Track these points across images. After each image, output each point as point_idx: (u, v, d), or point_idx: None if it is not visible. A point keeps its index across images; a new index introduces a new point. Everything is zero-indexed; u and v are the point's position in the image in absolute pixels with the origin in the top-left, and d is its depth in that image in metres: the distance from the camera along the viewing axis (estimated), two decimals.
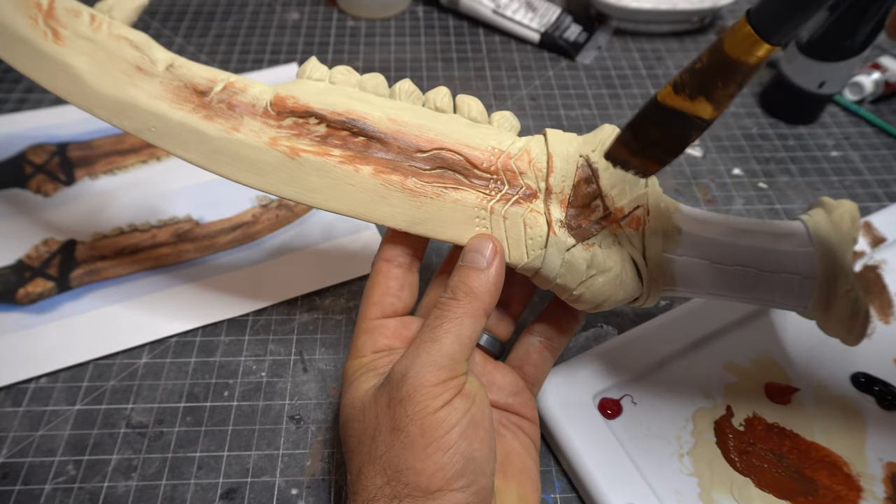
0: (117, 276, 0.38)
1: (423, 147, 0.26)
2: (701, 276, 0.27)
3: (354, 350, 0.26)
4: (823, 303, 0.27)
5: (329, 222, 0.41)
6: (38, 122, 0.47)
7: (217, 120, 0.26)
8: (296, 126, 0.26)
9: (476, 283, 0.24)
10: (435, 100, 0.27)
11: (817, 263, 0.27)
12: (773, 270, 0.27)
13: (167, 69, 0.26)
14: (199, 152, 0.26)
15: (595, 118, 0.50)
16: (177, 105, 0.26)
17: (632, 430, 0.32)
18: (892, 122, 0.51)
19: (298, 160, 0.25)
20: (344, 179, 0.25)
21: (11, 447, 0.31)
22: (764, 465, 0.31)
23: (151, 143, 0.26)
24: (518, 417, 0.28)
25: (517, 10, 0.57)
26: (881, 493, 0.30)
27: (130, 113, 0.26)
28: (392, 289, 0.27)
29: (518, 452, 0.27)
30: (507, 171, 0.26)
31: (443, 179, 0.26)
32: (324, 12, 0.60)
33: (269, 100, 0.26)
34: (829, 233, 0.28)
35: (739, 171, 0.47)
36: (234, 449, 0.32)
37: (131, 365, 0.35)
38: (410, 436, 0.22)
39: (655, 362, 0.34)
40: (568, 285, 0.26)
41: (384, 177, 0.25)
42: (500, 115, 0.27)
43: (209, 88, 0.26)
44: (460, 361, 0.23)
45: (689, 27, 0.59)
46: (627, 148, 0.24)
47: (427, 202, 0.26)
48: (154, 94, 0.26)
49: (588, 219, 0.26)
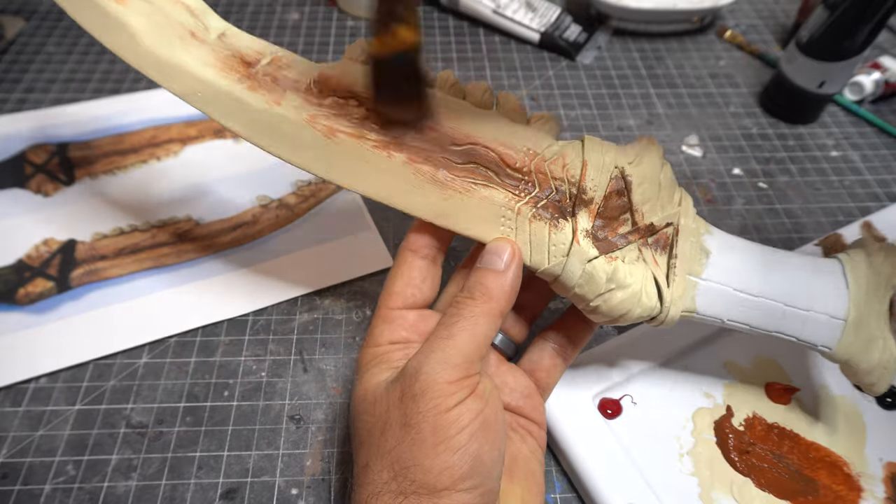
0: (117, 276, 0.38)
1: (458, 140, 0.26)
2: (723, 303, 0.26)
3: (371, 338, 0.26)
4: (850, 347, 0.26)
5: (329, 223, 0.41)
6: (38, 122, 0.47)
7: (260, 91, 0.26)
8: (336, 106, 0.26)
9: (493, 284, 0.24)
10: (475, 94, 0.26)
11: (850, 306, 0.26)
12: (802, 307, 0.26)
13: (219, 38, 0.26)
14: (240, 122, 0.26)
15: (595, 118, 0.50)
16: (224, 73, 0.26)
17: (632, 430, 0.32)
18: (892, 122, 0.51)
19: (334, 140, 0.26)
20: (376, 164, 0.26)
21: (11, 447, 0.31)
22: (764, 465, 0.31)
23: (196, 107, 0.27)
24: (527, 421, 0.28)
25: (517, 10, 0.57)
26: (881, 493, 0.30)
27: (179, 77, 0.26)
28: (415, 280, 0.27)
29: (525, 456, 0.27)
30: (540, 173, 0.26)
31: (473, 175, 0.26)
32: (324, 12, 0.59)
33: (313, 77, 0.26)
34: (866, 275, 0.27)
35: (739, 171, 0.47)
36: (234, 449, 0.32)
37: (131, 365, 0.35)
38: (421, 433, 0.22)
39: (655, 362, 0.34)
40: (586, 296, 0.26)
41: (416, 166, 0.25)
42: (539, 117, 0.27)
43: (256, 60, 0.26)
44: (475, 361, 0.23)
45: (689, 27, 0.59)
46: (376, 107, 0.25)
47: (455, 196, 0.25)
48: (204, 61, 0.26)
49: (615, 231, 0.26)
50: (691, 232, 0.26)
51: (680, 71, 0.55)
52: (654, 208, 0.26)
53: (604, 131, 0.49)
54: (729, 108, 0.52)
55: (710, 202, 0.44)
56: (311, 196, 0.43)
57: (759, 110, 0.52)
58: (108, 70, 0.52)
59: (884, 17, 0.42)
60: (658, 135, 0.49)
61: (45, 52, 0.54)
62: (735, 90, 0.53)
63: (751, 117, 0.51)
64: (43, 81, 0.51)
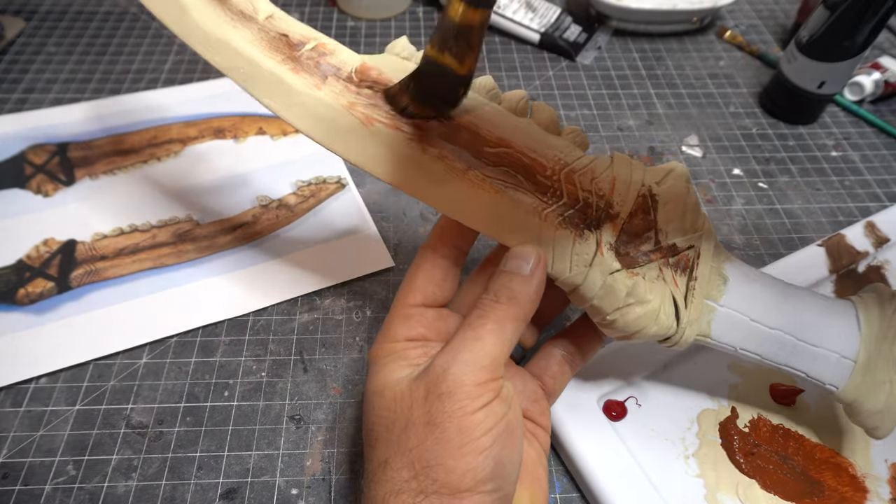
0: (117, 276, 0.38)
1: (491, 143, 0.26)
2: (738, 331, 0.26)
3: (387, 334, 0.26)
4: (857, 388, 0.26)
5: (329, 223, 0.41)
6: (38, 122, 0.47)
7: (303, 74, 0.26)
8: (375, 96, 0.26)
9: (519, 288, 0.24)
10: (511, 101, 0.27)
11: (861, 348, 0.26)
12: (813, 343, 0.26)
13: (267, 19, 0.27)
14: (280, 102, 0.27)
15: (595, 118, 0.50)
16: (269, 53, 0.27)
17: (636, 432, 0.32)
18: (892, 122, 0.51)
19: (371, 129, 0.26)
20: (410, 156, 0.26)
21: (11, 447, 0.31)
22: (769, 467, 0.31)
23: (238, 83, 0.27)
24: (533, 425, 0.28)
25: (517, 10, 0.57)
26: (886, 494, 0.30)
27: (224, 51, 0.27)
28: (436, 278, 0.26)
29: (532, 460, 0.27)
30: (569, 184, 0.26)
31: (503, 177, 0.26)
32: (324, 13, 0.59)
33: (355, 66, 0.26)
34: (878, 319, 0.27)
35: (739, 171, 0.47)
36: (234, 449, 0.32)
37: (131, 365, 0.34)
38: (447, 433, 0.22)
39: (660, 364, 0.34)
40: (604, 308, 0.26)
41: (448, 162, 0.26)
42: (571, 130, 0.27)
43: (301, 44, 0.27)
44: (501, 364, 0.23)
45: (689, 27, 0.59)
46: (409, 94, 0.25)
47: (483, 195, 0.25)
48: (250, 40, 0.27)
49: (638, 248, 0.26)
50: (712, 257, 0.26)
51: (680, 71, 0.55)
52: (677, 229, 0.26)
53: (604, 131, 0.49)
54: (729, 108, 0.52)
55: (710, 202, 0.44)
56: (311, 196, 0.43)
57: (759, 110, 0.52)
58: (108, 70, 0.52)
59: (884, 17, 0.42)
60: (658, 135, 0.49)
61: (45, 52, 0.53)
62: (735, 90, 0.54)
63: (751, 117, 0.51)
64: (43, 81, 0.51)
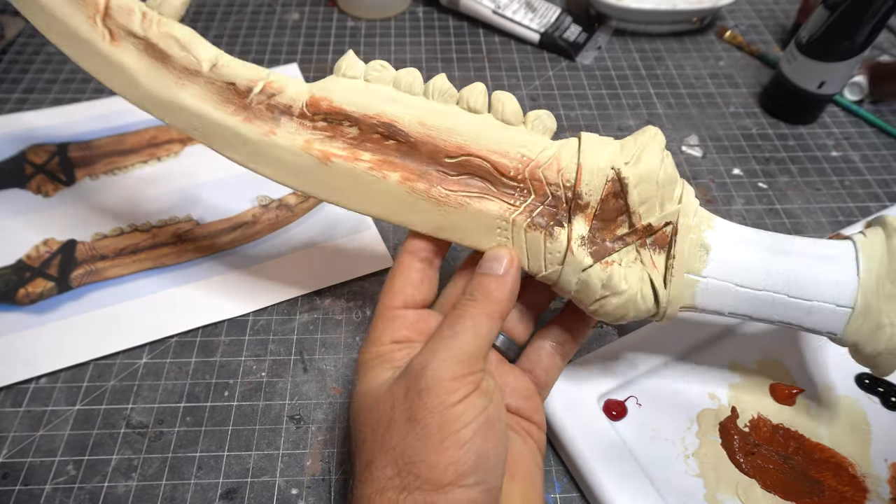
0: (117, 276, 0.38)
1: (451, 153, 0.26)
2: (724, 299, 0.26)
3: (373, 338, 0.26)
4: (856, 333, 0.26)
5: (329, 223, 0.41)
6: (38, 122, 0.47)
7: (256, 122, 0.26)
8: (330, 128, 0.26)
9: (493, 287, 0.25)
10: (468, 99, 0.26)
11: (858, 294, 0.25)
12: (807, 297, 0.26)
13: (212, 69, 0.26)
14: (242, 154, 0.27)
15: (595, 118, 0.50)
16: (220, 106, 0.26)
17: (636, 432, 0.32)
18: (892, 122, 0.51)
19: (329, 165, 0.26)
20: (372, 185, 0.26)
21: (11, 447, 0.31)
22: (769, 467, 0.31)
23: (200, 142, 0.27)
24: (527, 423, 0.28)
25: (517, 10, 0.57)
26: (887, 493, 0.30)
27: (178, 113, 0.27)
28: (414, 280, 0.27)
29: (525, 457, 0.27)
30: (535, 180, 0.26)
31: (468, 188, 0.26)
32: (324, 13, 0.59)
33: (304, 101, 0.26)
34: (881, 260, 0.25)
35: (739, 171, 0.47)
36: (234, 449, 0.32)
37: (131, 365, 0.34)
38: (427, 428, 0.22)
39: (660, 363, 0.34)
40: (583, 301, 0.26)
41: (410, 184, 0.26)
42: (534, 115, 0.26)
43: (249, 89, 0.26)
44: (478, 358, 0.24)
45: (689, 27, 0.59)
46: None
47: (451, 211, 0.26)
48: (199, 96, 0.26)
49: (613, 233, 0.26)
50: (691, 229, 0.26)
51: (680, 71, 0.55)
52: (652, 208, 0.25)
53: (604, 132, 0.49)
54: (729, 108, 0.52)
55: (710, 202, 0.44)
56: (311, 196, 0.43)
57: (759, 110, 0.52)
58: None
59: (884, 17, 0.42)
60: None
61: (45, 52, 0.53)
62: (735, 90, 0.53)
63: (751, 117, 0.51)
64: (43, 81, 0.51)
